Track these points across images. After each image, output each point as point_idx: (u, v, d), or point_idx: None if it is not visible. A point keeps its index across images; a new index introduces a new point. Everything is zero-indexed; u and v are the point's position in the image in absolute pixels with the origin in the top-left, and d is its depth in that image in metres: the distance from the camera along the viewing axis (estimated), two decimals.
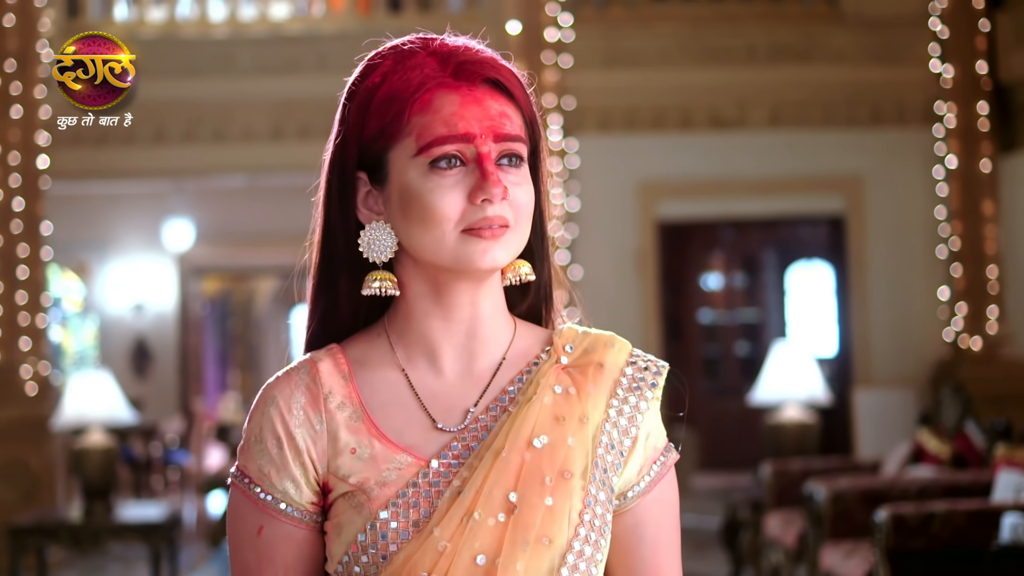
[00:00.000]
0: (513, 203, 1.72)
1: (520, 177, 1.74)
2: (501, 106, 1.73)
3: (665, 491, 1.82)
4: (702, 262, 16.88)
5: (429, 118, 1.71)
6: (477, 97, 1.72)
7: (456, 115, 1.70)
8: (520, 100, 1.76)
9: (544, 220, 1.84)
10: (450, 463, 1.73)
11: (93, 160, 11.63)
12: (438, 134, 1.70)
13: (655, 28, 11.56)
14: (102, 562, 11.12)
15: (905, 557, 6.22)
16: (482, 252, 1.71)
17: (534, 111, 1.79)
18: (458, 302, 1.77)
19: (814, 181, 11.66)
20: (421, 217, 1.71)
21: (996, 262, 11.03)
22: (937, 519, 6.25)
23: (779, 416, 9.26)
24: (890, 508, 6.33)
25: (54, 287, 13.83)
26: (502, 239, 1.71)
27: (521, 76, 1.79)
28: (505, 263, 1.74)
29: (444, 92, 1.71)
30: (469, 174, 1.71)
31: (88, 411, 8.52)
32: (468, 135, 1.70)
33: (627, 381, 1.80)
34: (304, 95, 11.29)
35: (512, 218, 1.72)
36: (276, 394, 1.78)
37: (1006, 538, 5.78)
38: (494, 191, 1.69)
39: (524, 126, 1.76)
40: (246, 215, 14.87)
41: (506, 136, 1.72)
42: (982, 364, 10.88)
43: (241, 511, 1.78)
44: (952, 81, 11.09)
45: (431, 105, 1.71)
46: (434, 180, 1.70)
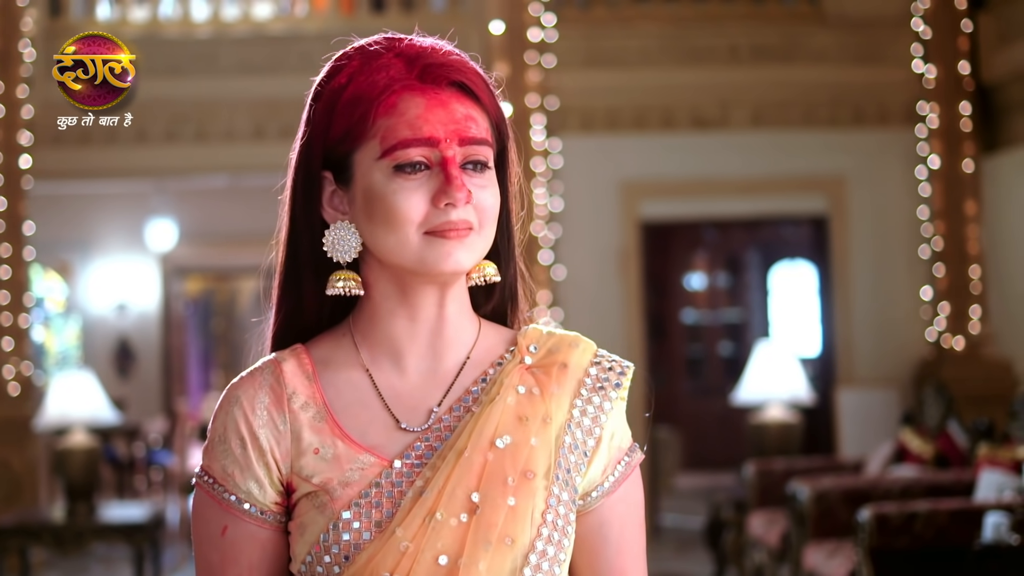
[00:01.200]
0: (478, 206, 1.72)
1: (485, 180, 1.74)
2: (467, 109, 1.73)
3: (630, 491, 1.82)
4: (685, 262, 16.90)
5: (394, 120, 1.70)
6: (443, 100, 1.71)
7: (421, 118, 1.70)
8: (486, 103, 1.75)
9: (511, 221, 1.84)
10: (413, 463, 1.73)
11: (75, 160, 11.60)
12: (402, 137, 1.69)
13: (638, 28, 11.56)
14: (85, 563, 11.09)
15: (888, 556, 6.23)
16: (446, 255, 1.71)
17: (501, 113, 1.79)
18: (423, 303, 1.77)
19: (797, 181, 11.67)
20: (385, 219, 1.71)
21: (979, 262, 11.06)
22: (920, 518, 6.26)
23: (762, 416, 9.27)
24: (873, 508, 6.34)
25: (36, 287, 13.79)
26: (466, 241, 1.71)
27: (488, 78, 1.78)
28: (469, 266, 1.74)
29: (410, 95, 1.71)
30: (433, 177, 1.70)
31: (71, 411, 8.50)
32: (432, 139, 1.69)
33: (591, 381, 1.80)
34: (287, 95, 11.22)
35: (476, 221, 1.72)
36: (240, 394, 1.78)
37: (988, 537, 5.80)
38: (457, 195, 1.69)
39: (491, 128, 1.76)
40: (229, 215, 14.84)
41: (471, 139, 1.72)
42: (965, 364, 10.90)
43: (205, 511, 1.78)
44: (935, 81, 11.11)
45: (396, 108, 1.71)
46: (398, 182, 1.70)
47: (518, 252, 1.87)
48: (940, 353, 11.04)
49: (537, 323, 1.87)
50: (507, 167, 1.82)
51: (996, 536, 5.77)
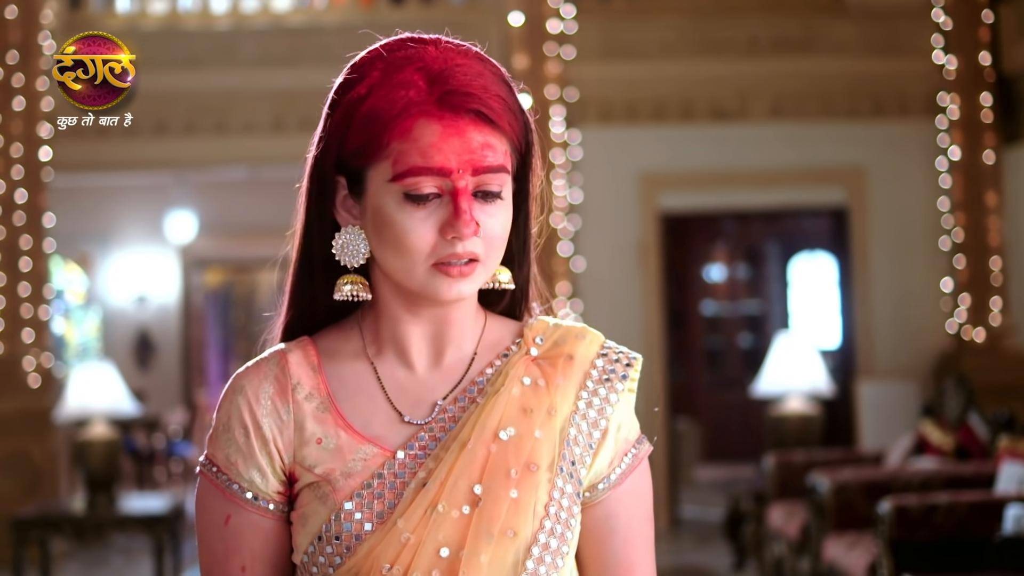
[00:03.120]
0: (486, 236, 1.70)
1: (497, 208, 1.72)
2: (484, 137, 1.69)
3: (637, 483, 1.81)
4: (704, 254, 16.87)
5: (408, 146, 1.68)
6: (460, 128, 1.68)
7: (434, 147, 1.67)
8: (505, 127, 1.71)
9: (528, 225, 1.83)
10: (416, 454, 1.73)
11: (95, 152, 11.63)
12: (413, 164, 1.67)
13: (656, 20, 11.55)
14: (105, 554, 11.12)
15: (908, 548, 6.22)
16: (448, 287, 1.70)
17: (523, 127, 1.75)
18: (428, 311, 1.77)
19: (816, 173, 11.65)
20: (393, 244, 1.70)
21: (999, 254, 11.03)
22: (940, 511, 6.25)
23: (782, 408, 9.26)
24: (893, 500, 6.32)
25: (57, 279, 13.84)
26: (471, 276, 1.71)
27: (511, 91, 1.74)
28: (471, 294, 1.74)
29: (426, 120, 1.68)
30: (443, 206, 1.68)
31: (91, 403, 8.52)
32: (444, 169, 1.67)
33: (597, 373, 1.79)
34: (306, 87, 11.14)
35: (483, 252, 1.71)
36: (244, 383, 1.78)
37: (1009, 529, 5.78)
38: (464, 230, 1.67)
39: (510, 150, 1.73)
40: (248, 207, 14.87)
41: (487, 168, 1.69)
42: (985, 356, 10.88)
43: (209, 500, 1.78)
44: (955, 72, 11.08)
45: (411, 133, 1.68)
46: (408, 211, 1.69)
47: (534, 256, 1.86)
48: (960, 345, 11.01)
49: (546, 316, 1.86)
50: (529, 173, 1.80)
51: (1016, 528, 5.76)
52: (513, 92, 1.75)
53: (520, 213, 1.80)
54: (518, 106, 1.75)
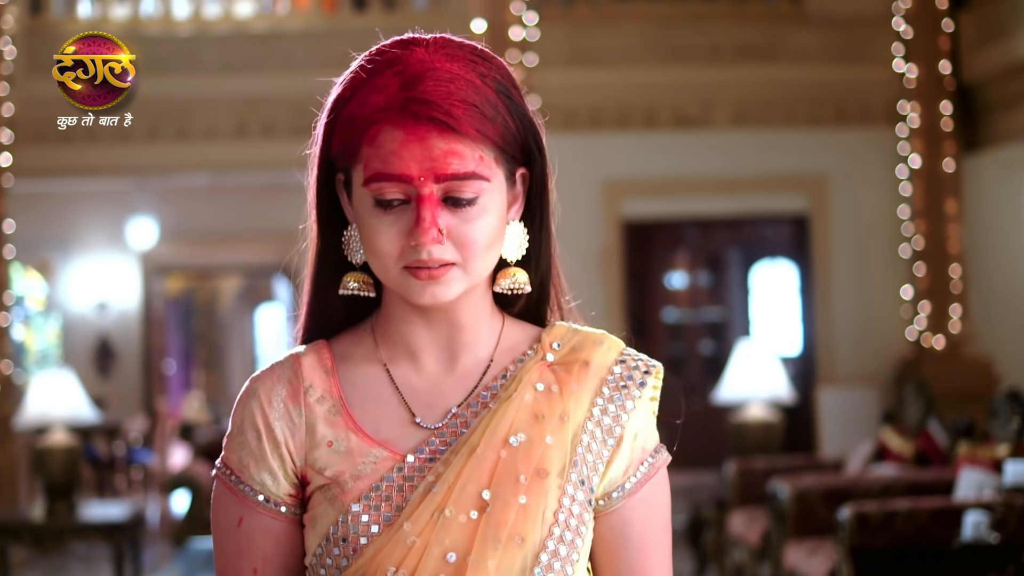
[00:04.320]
0: (460, 241, 1.69)
1: (475, 211, 1.69)
2: (448, 144, 1.66)
3: (653, 492, 1.79)
4: (666, 261, 16.91)
5: (372, 151, 1.68)
6: (420, 136, 1.66)
7: (395, 154, 1.66)
8: (473, 136, 1.68)
9: (546, 224, 1.82)
10: (427, 458, 1.72)
11: (56, 158, 11.57)
12: (376, 170, 1.67)
13: (620, 27, 11.57)
14: (65, 562, 11.07)
15: (868, 555, 6.24)
16: (420, 290, 1.69)
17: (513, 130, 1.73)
18: (433, 313, 1.77)
19: (778, 180, 11.69)
20: (368, 246, 1.71)
21: (959, 261, 11.09)
22: (900, 517, 6.27)
23: (743, 415, 9.28)
24: (853, 506, 6.35)
25: (17, 285, 13.76)
26: (444, 279, 1.69)
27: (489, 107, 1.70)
28: (451, 298, 1.71)
29: (390, 127, 1.67)
30: (409, 212, 1.68)
31: (51, 410, 8.48)
32: (404, 176, 1.66)
33: (614, 380, 1.78)
34: (269, 93, 11.26)
35: (459, 257, 1.69)
36: (258, 387, 1.79)
37: (968, 536, 5.81)
38: (423, 238, 1.66)
39: (494, 155, 1.71)
40: (210, 213, 14.81)
41: (451, 175, 1.67)
42: (945, 363, 10.94)
43: (223, 503, 1.79)
44: (916, 81, 11.14)
45: (376, 139, 1.67)
46: (377, 215, 1.69)
47: (555, 257, 1.85)
48: (920, 352, 11.06)
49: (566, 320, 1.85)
50: (543, 172, 1.80)
51: (976, 535, 5.78)
52: (505, 95, 1.73)
53: (536, 213, 1.80)
54: (508, 109, 1.73)
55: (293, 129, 10.94)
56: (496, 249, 1.74)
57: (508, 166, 1.74)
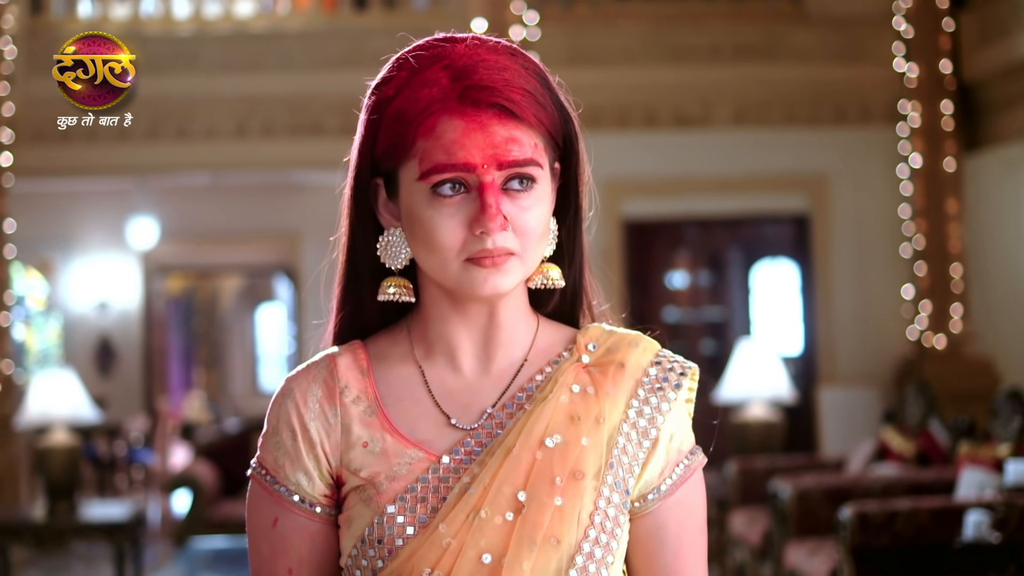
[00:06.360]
0: (520, 229, 1.69)
1: (532, 199, 1.70)
2: (508, 131, 1.68)
3: (689, 494, 1.79)
4: (667, 260, 16.85)
5: (431, 144, 1.67)
6: (482, 123, 1.67)
7: (457, 143, 1.66)
8: (531, 120, 1.70)
9: (579, 220, 1.83)
10: (462, 459, 1.72)
11: (56, 157, 11.57)
12: (437, 161, 1.67)
13: (620, 27, 11.56)
14: (66, 561, 11.06)
15: (869, 555, 6.24)
16: (483, 280, 1.69)
17: (560, 119, 1.75)
18: (474, 311, 1.76)
19: (779, 180, 11.68)
20: (425, 242, 1.70)
21: (960, 260, 11.08)
22: (901, 517, 6.27)
23: (744, 414, 9.28)
24: (854, 506, 6.34)
25: (17, 285, 13.76)
26: (504, 267, 1.69)
27: (542, 86, 1.73)
28: (509, 289, 1.71)
29: (448, 117, 1.67)
30: (471, 201, 1.68)
31: (52, 410, 8.48)
32: (468, 164, 1.66)
33: (649, 382, 1.78)
34: (269, 93, 11.26)
35: (518, 246, 1.69)
36: (294, 387, 1.79)
37: (969, 535, 5.81)
38: (491, 225, 1.66)
39: (543, 143, 1.72)
40: (210, 213, 14.80)
41: (512, 163, 1.67)
42: (946, 362, 10.92)
43: (258, 502, 1.79)
44: (916, 80, 11.13)
45: (434, 130, 1.67)
46: (436, 207, 1.68)
47: (588, 253, 1.86)
48: (921, 351, 11.06)
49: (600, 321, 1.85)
50: (577, 166, 1.80)
51: (977, 534, 5.78)
52: (547, 86, 1.74)
53: (569, 208, 1.80)
54: (552, 99, 1.74)
55: (293, 129, 10.95)
56: (546, 240, 1.75)
57: (551, 156, 1.75)
